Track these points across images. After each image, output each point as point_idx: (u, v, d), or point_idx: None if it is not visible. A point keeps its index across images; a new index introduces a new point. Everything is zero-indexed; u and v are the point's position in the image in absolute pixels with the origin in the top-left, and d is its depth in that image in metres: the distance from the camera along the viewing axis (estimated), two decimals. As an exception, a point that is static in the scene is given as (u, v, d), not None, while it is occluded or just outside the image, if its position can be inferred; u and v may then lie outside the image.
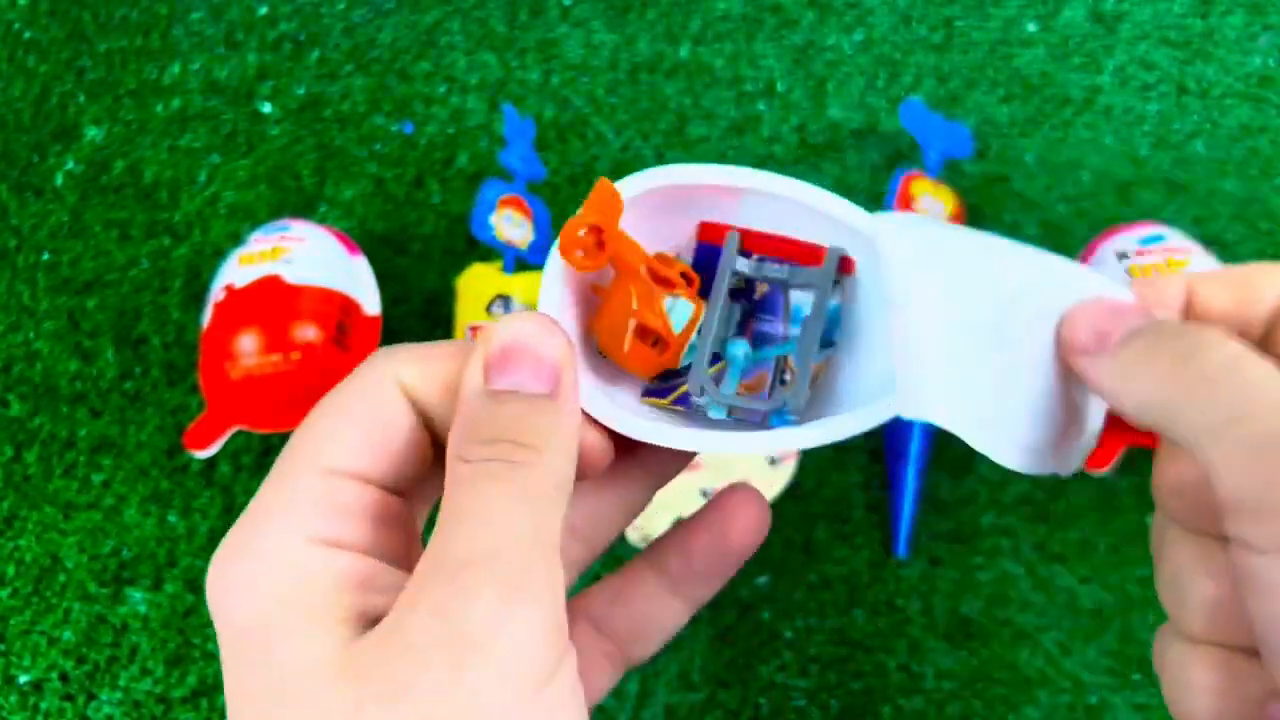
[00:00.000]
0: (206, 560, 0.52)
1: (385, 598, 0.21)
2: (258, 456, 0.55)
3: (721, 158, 0.61)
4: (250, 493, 0.55)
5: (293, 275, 0.52)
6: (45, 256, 0.61)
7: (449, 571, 0.20)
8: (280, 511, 0.23)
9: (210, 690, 0.50)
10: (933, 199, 0.55)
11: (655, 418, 0.28)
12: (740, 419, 0.28)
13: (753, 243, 0.29)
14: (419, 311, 0.58)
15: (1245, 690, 0.23)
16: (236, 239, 0.60)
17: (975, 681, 0.48)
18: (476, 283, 0.54)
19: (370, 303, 0.54)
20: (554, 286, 0.28)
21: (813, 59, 0.64)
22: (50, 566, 0.53)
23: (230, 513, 0.53)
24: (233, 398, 0.51)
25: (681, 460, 0.29)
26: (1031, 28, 0.64)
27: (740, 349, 0.29)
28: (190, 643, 0.51)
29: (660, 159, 0.61)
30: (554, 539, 0.22)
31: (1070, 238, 0.57)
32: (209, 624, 0.51)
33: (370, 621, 0.21)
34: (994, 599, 0.51)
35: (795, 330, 0.29)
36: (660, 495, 0.46)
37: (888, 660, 0.49)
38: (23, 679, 0.51)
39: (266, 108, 0.64)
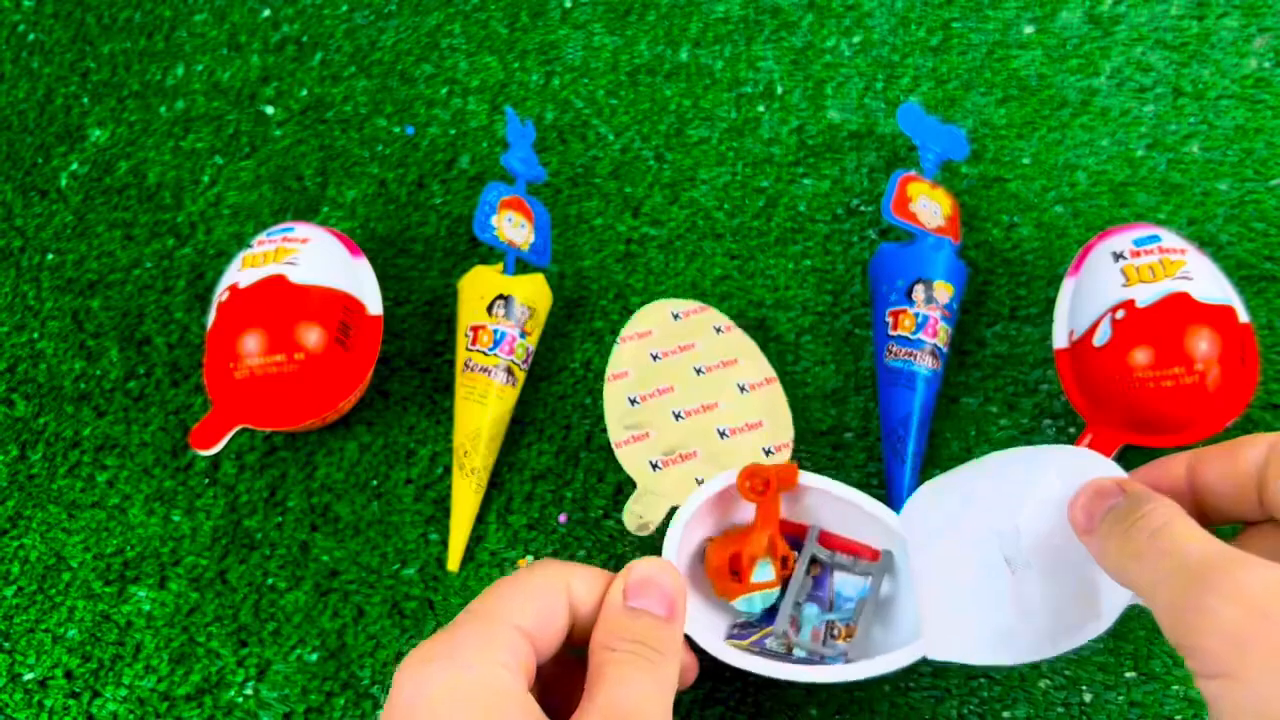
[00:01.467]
0: (210, 559, 0.53)
1: None
2: (261, 455, 0.55)
3: (721, 159, 0.61)
4: (254, 492, 0.55)
5: (296, 276, 0.52)
6: (50, 257, 0.61)
7: (608, 715, 0.32)
8: (484, 644, 0.32)
9: (214, 688, 0.50)
10: (929, 200, 0.55)
11: (739, 653, 0.43)
12: (808, 659, 0.44)
13: (824, 539, 0.47)
14: (421, 312, 0.58)
15: None
16: (240, 240, 0.60)
17: (970, 679, 0.48)
18: (478, 283, 0.54)
19: (373, 303, 0.54)
20: (676, 537, 0.43)
21: (811, 61, 0.64)
22: (55, 565, 0.53)
23: (235, 510, 0.54)
24: (237, 397, 0.51)
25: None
26: (1028, 30, 0.64)
27: (814, 610, 0.46)
28: (194, 640, 0.51)
29: (660, 160, 0.61)
30: (669, 710, 0.34)
31: (1066, 239, 0.58)
32: (213, 621, 0.51)
33: None
34: (991, 597, 0.51)
35: (841, 602, 0.46)
36: (660, 484, 0.50)
37: (885, 657, 0.50)
38: (27, 676, 0.51)
39: (270, 110, 0.64)
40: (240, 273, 0.53)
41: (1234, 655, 0.26)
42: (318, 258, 0.54)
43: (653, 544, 0.52)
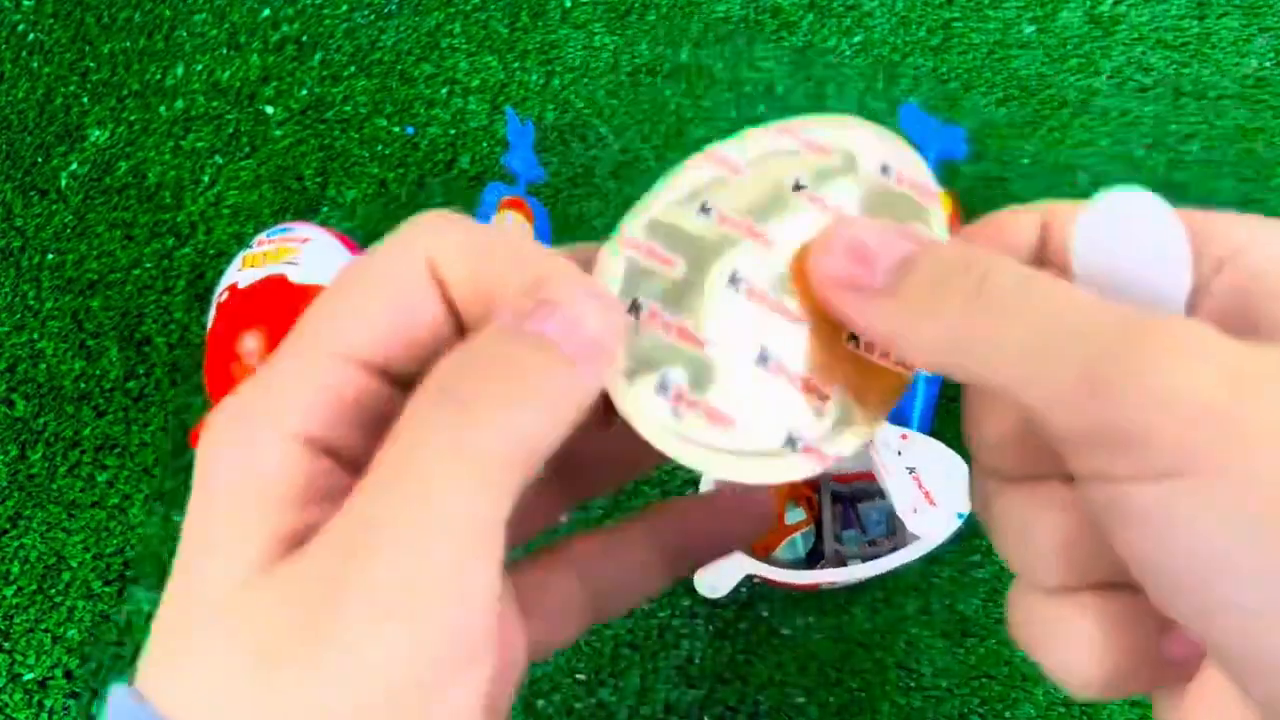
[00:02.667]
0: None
1: (321, 510, 0.19)
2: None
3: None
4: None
5: (296, 276, 0.52)
6: (50, 257, 0.61)
7: (348, 543, 0.18)
8: (276, 398, 0.20)
9: (214, 687, 0.50)
10: (931, 200, 0.55)
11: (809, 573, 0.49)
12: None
13: (838, 480, 0.53)
14: (421, 312, 0.58)
15: (1133, 628, 0.20)
16: (240, 240, 0.60)
17: (972, 679, 0.48)
18: (478, 283, 0.54)
19: (373, 303, 0.54)
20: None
21: (812, 61, 0.64)
22: (55, 565, 0.53)
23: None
24: (236, 397, 0.51)
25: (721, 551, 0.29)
26: (1029, 30, 0.64)
27: (853, 534, 0.52)
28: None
29: (661, 161, 0.61)
30: (484, 525, 0.18)
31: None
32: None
33: (289, 540, 0.19)
34: (991, 596, 0.51)
35: (871, 526, 0.52)
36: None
37: (886, 658, 0.50)
38: (28, 677, 0.51)
39: (270, 109, 0.64)
40: (240, 273, 0.53)
41: (1205, 441, 0.16)
42: (318, 258, 0.54)
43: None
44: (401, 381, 0.20)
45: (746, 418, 0.21)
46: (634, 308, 0.22)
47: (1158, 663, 0.20)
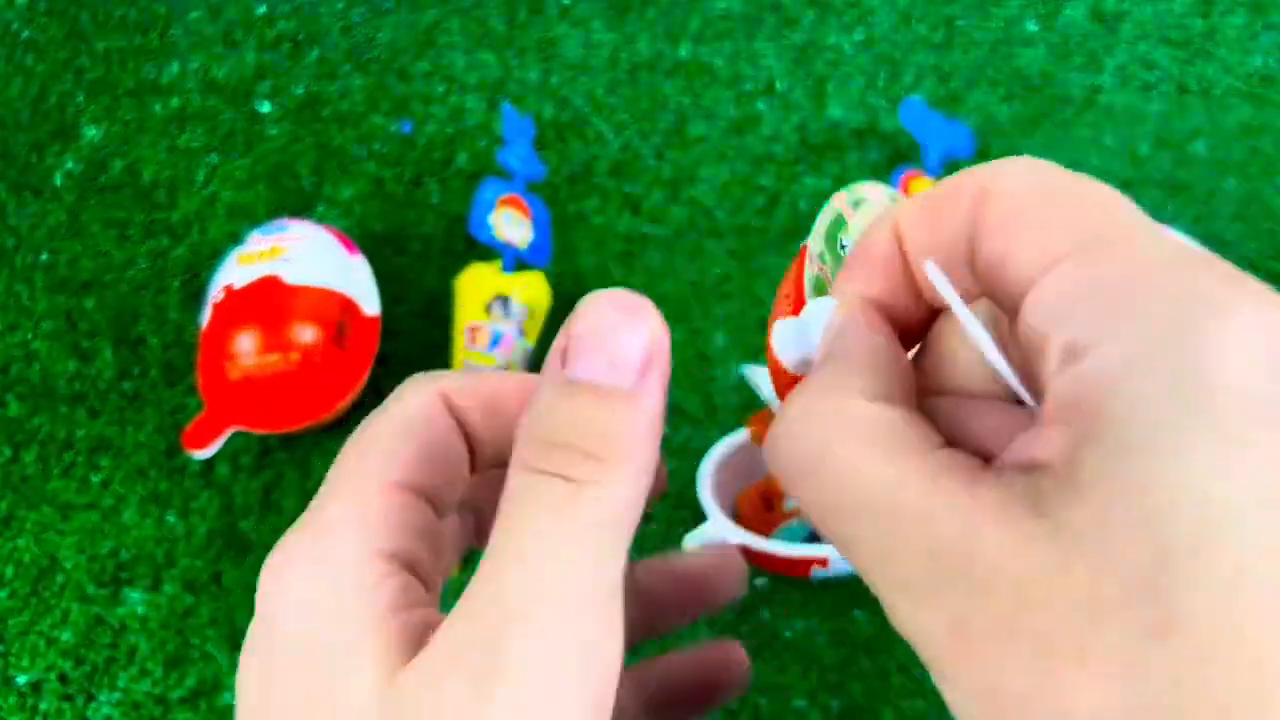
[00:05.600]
0: (205, 561, 0.52)
1: (425, 613, 0.20)
2: (256, 457, 0.55)
3: (721, 157, 0.60)
4: (250, 493, 0.54)
5: (291, 275, 0.52)
6: (43, 256, 0.61)
7: (482, 629, 0.18)
8: (351, 522, 0.21)
9: (209, 691, 0.50)
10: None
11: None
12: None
13: None
14: (418, 311, 0.58)
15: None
16: (235, 238, 0.60)
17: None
18: (475, 282, 0.54)
19: (369, 303, 0.54)
20: (709, 484, 0.42)
21: (813, 58, 0.63)
22: (49, 567, 0.53)
23: (229, 513, 0.53)
24: (231, 398, 0.51)
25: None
26: (1032, 27, 0.63)
27: None
28: (189, 643, 0.51)
29: (660, 158, 0.61)
30: (608, 586, 0.19)
31: (1071, 237, 0.57)
32: (208, 625, 0.51)
33: (413, 643, 0.20)
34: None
35: None
36: None
37: (888, 662, 0.49)
38: (21, 680, 0.51)
39: (265, 107, 0.64)
40: (235, 272, 0.53)
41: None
42: (314, 256, 0.53)
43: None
44: (434, 499, 0.23)
45: None
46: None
47: None
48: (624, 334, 0.20)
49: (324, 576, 0.20)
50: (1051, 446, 0.15)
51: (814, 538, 0.49)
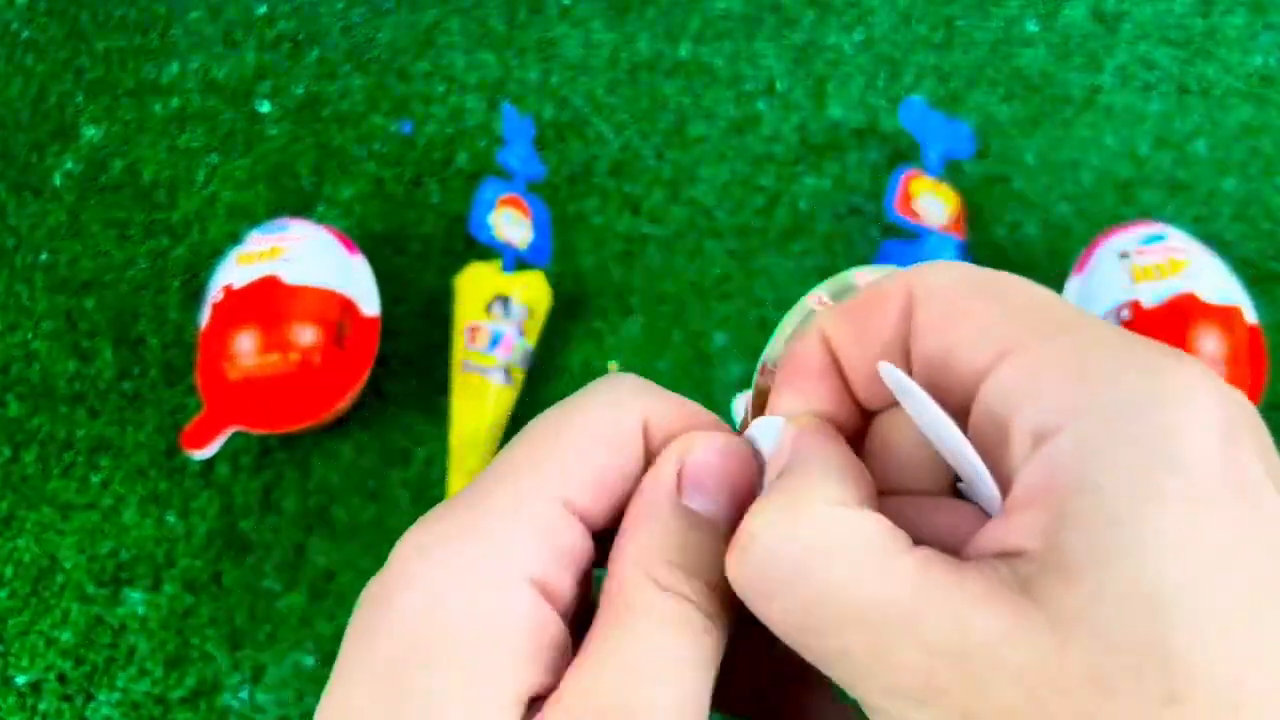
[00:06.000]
0: (205, 561, 0.52)
1: (553, 677, 0.19)
2: (256, 457, 0.55)
3: (721, 157, 0.60)
4: (249, 493, 0.54)
5: (291, 275, 0.52)
6: (43, 256, 0.61)
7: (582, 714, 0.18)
8: (512, 534, 0.19)
9: (209, 691, 0.50)
10: (933, 198, 0.54)
11: None
12: None
13: None
14: (418, 311, 0.58)
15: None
16: (235, 238, 0.60)
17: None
18: (475, 282, 0.54)
19: (369, 303, 0.54)
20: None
21: (813, 58, 0.63)
22: (48, 567, 0.53)
23: (229, 513, 0.53)
24: (231, 398, 0.51)
25: None
26: (1032, 27, 0.63)
27: None
28: (189, 643, 0.51)
29: (660, 158, 0.61)
30: (703, 697, 0.18)
31: (1071, 237, 0.57)
32: (208, 625, 0.51)
33: (532, 700, 0.18)
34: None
35: None
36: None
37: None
38: (21, 680, 0.51)
39: (265, 107, 0.64)
40: (235, 272, 0.53)
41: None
42: (314, 257, 0.53)
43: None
44: (591, 526, 0.20)
45: None
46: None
47: None
48: (743, 472, 0.20)
49: (478, 598, 0.18)
50: (1028, 531, 0.16)
51: None
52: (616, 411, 0.21)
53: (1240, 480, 0.15)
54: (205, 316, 0.53)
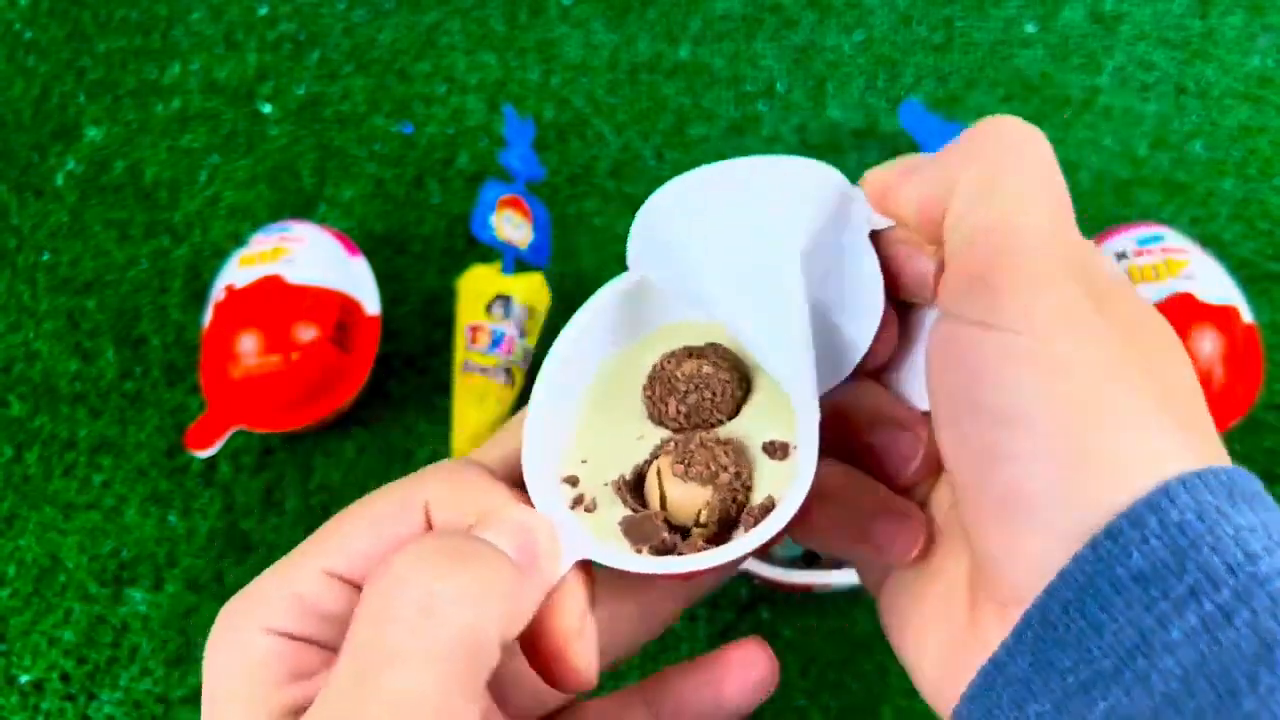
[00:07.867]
0: (206, 560, 0.52)
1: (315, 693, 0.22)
2: (258, 457, 0.55)
3: (721, 158, 0.61)
4: (251, 493, 0.55)
5: (293, 275, 0.52)
6: (45, 256, 0.61)
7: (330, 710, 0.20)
8: (264, 599, 0.23)
9: (210, 690, 0.50)
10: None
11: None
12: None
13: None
14: (419, 312, 0.58)
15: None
16: (236, 239, 0.60)
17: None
18: (476, 283, 0.54)
19: (370, 303, 0.54)
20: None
21: (813, 59, 0.64)
22: (50, 567, 0.53)
23: (231, 512, 0.53)
24: (233, 398, 0.51)
25: (717, 577, 0.29)
26: (1031, 28, 0.64)
27: None
28: (191, 643, 0.51)
29: (660, 159, 0.61)
30: (451, 712, 0.20)
31: (1069, 238, 0.57)
32: (210, 624, 0.51)
33: (301, 711, 0.22)
34: (993, 599, 0.51)
35: None
36: None
37: (887, 661, 0.49)
38: (23, 679, 0.51)
39: (266, 108, 0.64)
40: (237, 272, 0.53)
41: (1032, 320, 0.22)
42: (315, 257, 0.53)
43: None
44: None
45: None
46: None
47: None
48: (535, 527, 0.24)
49: (229, 646, 0.23)
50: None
51: (810, 556, 0.49)
52: (394, 500, 0.25)
53: (1051, 178, 0.22)
54: (208, 316, 0.53)
